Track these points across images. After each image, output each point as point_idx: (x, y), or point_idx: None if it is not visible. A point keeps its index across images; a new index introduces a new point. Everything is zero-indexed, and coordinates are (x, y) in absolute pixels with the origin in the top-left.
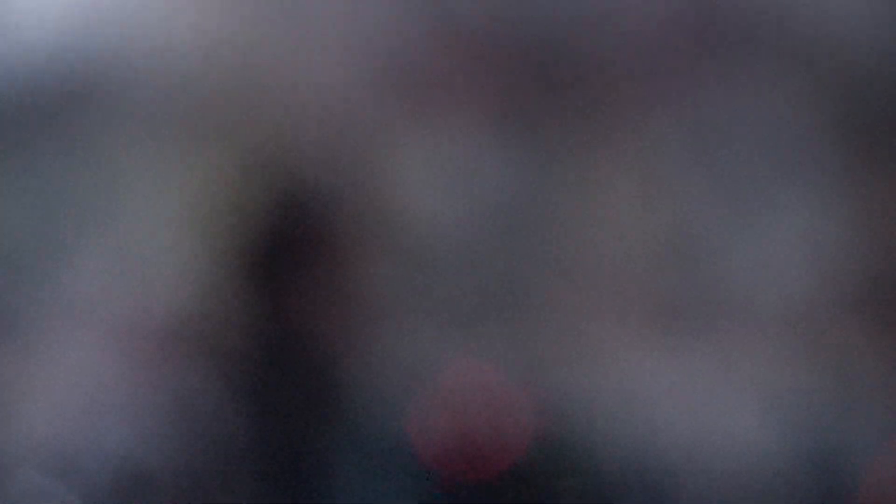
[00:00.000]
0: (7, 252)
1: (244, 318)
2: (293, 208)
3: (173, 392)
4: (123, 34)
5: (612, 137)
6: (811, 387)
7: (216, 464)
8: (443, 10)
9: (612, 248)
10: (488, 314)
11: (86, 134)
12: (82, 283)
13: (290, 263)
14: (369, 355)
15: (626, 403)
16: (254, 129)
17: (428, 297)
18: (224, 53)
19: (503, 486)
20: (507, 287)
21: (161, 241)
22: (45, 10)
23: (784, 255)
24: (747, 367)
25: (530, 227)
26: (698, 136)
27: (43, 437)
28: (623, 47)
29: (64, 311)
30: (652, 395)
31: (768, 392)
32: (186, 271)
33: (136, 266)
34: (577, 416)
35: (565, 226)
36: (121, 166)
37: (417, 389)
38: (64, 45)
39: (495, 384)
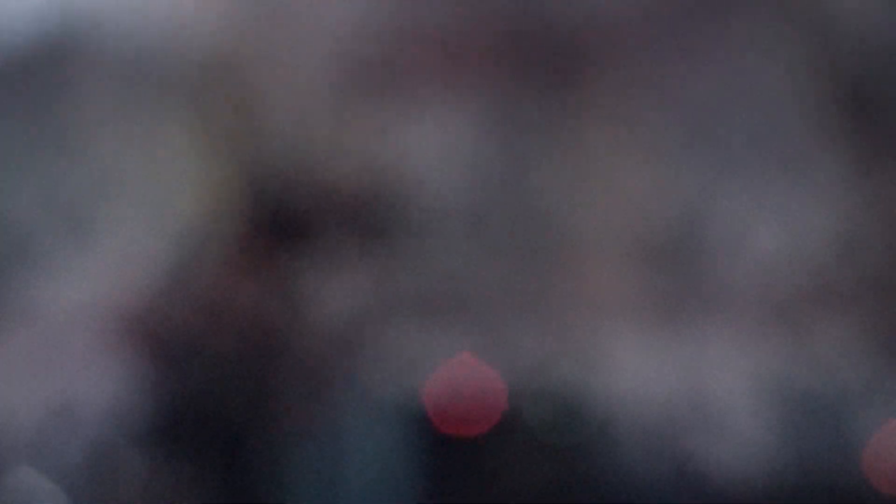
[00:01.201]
0: None
1: (227, 304)
2: (278, 192)
3: (163, 378)
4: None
5: (609, 125)
6: (809, 376)
7: (212, 455)
8: None
9: (607, 238)
10: (481, 305)
11: (63, 101)
12: (58, 267)
13: (276, 247)
14: (362, 345)
15: (623, 394)
16: (236, 106)
17: (420, 287)
18: (215, 30)
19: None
20: (500, 278)
21: (143, 223)
22: None
23: (781, 243)
24: (744, 358)
25: (525, 217)
26: (696, 120)
27: (26, 428)
28: (619, 30)
29: (43, 297)
30: (649, 386)
31: (765, 382)
32: (169, 257)
33: (115, 250)
34: (574, 405)
35: (560, 215)
36: (97, 136)
37: (410, 380)
38: (46, 9)
39: (488, 375)
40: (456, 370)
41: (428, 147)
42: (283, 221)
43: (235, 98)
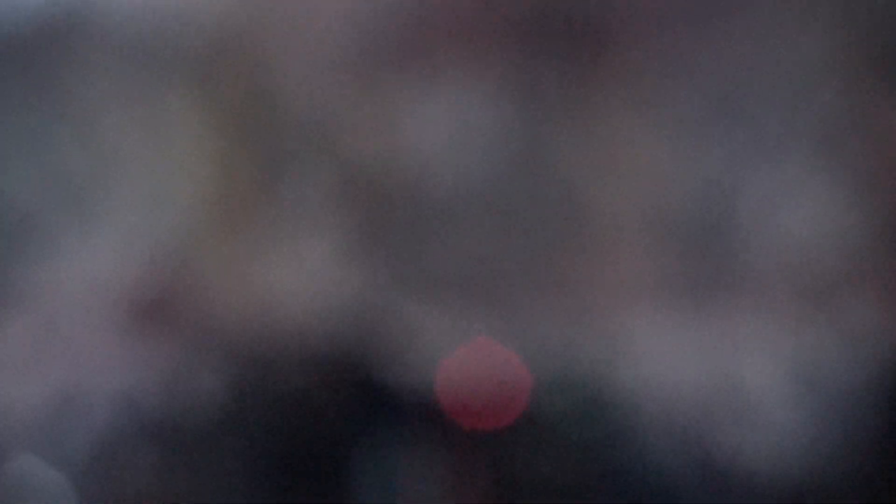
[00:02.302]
0: None
1: (237, 287)
2: (290, 173)
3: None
4: None
5: (632, 102)
6: (842, 362)
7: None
8: None
9: (632, 218)
10: (502, 289)
11: (65, 78)
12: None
13: (288, 229)
14: (378, 331)
15: (649, 381)
16: (246, 85)
17: (437, 271)
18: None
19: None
20: (522, 260)
21: (150, 205)
22: None
23: (812, 223)
24: (774, 343)
25: (547, 197)
26: (722, 96)
27: (31, 414)
28: (641, 4)
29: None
30: (677, 373)
31: (797, 368)
32: (177, 240)
33: (122, 233)
34: (598, 394)
35: (583, 195)
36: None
37: (428, 366)
38: None
39: (508, 362)
40: (474, 357)
41: (446, 126)
42: (296, 203)
43: (245, 77)
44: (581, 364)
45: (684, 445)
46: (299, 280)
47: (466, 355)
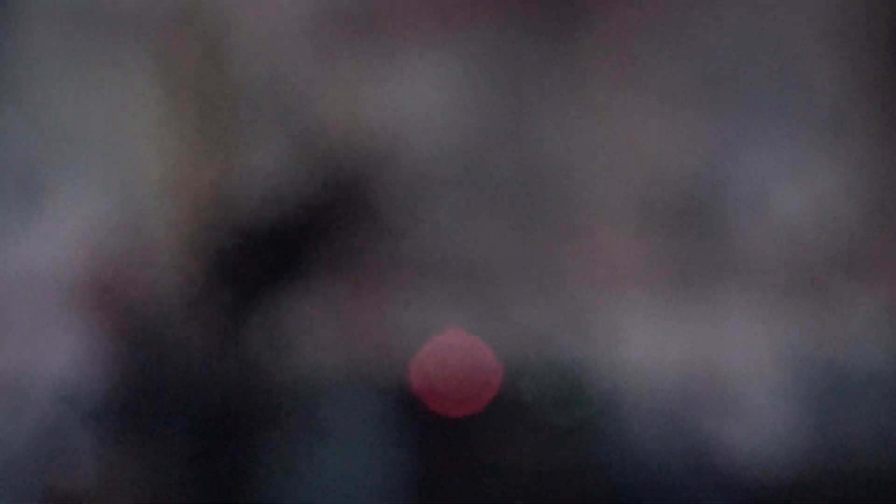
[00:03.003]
0: None
1: (198, 269)
2: (254, 148)
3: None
4: None
5: (618, 72)
6: (832, 349)
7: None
8: None
9: (616, 198)
10: (479, 273)
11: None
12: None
13: (254, 209)
14: (351, 317)
15: (632, 369)
16: (206, 52)
17: (412, 254)
18: None
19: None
20: (500, 243)
21: (102, 183)
22: None
23: (804, 205)
24: (763, 330)
25: (525, 176)
26: (713, 68)
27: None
28: None
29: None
30: (660, 361)
31: (786, 356)
32: (132, 220)
33: (72, 214)
34: (579, 382)
35: (564, 173)
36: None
37: (402, 354)
38: None
39: (482, 351)
40: (448, 345)
41: (418, 98)
42: (261, 181)
43: (205, 43)
44: (564, 351)
45: (671, 435)
46: (265, 261)
47: (439, 345)
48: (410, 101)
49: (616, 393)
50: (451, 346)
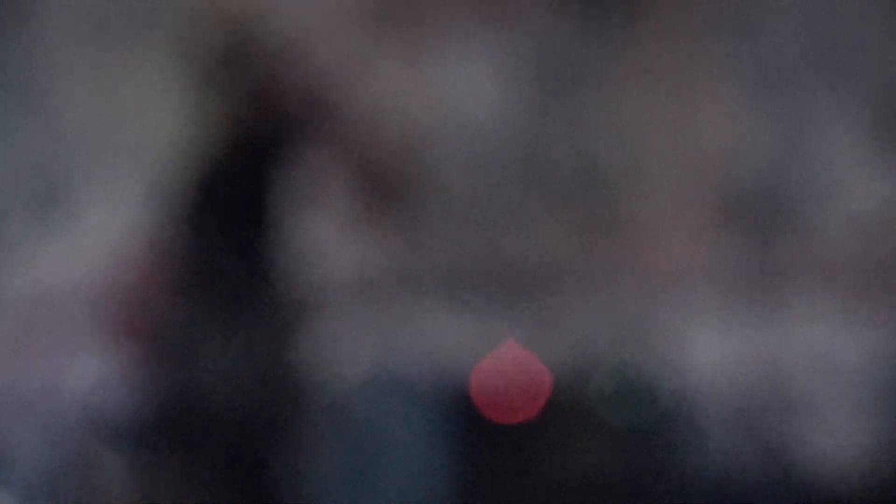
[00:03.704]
0: None
1: (225, 281)
2: (285, 149)
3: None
4: None
5: (677, 66)
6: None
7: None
8: None
9: (676, 198)
10: (534, 279)
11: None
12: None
13: (285, 213)
14: (390, 325)
15: (697, 377)
16: (233, 52)
17: (462, 257)
18: None
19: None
20: (555, 245)
21: (124, 193)
22: None
23: (877, 204)
24: (834, 334)
25: (579, 175)
26: (777, 62)
27: None
28: None
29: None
30: (726, 369)
31: (858, 363)
32: (155, 230)
33: (94, 225)
34: (642, 390)
35: (622, 173)
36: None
37: (456, 363)
38: None
39: (537, 365)
40: (504, 359)
41: (466, 95)
42: (293, 183)
43: (233, 43)
44: (626, 356)
45: (738, 441)
46: (298, 269)
47: (495, 357)
48: (458, 99)
49: (680, 399)
50: (506, 357)
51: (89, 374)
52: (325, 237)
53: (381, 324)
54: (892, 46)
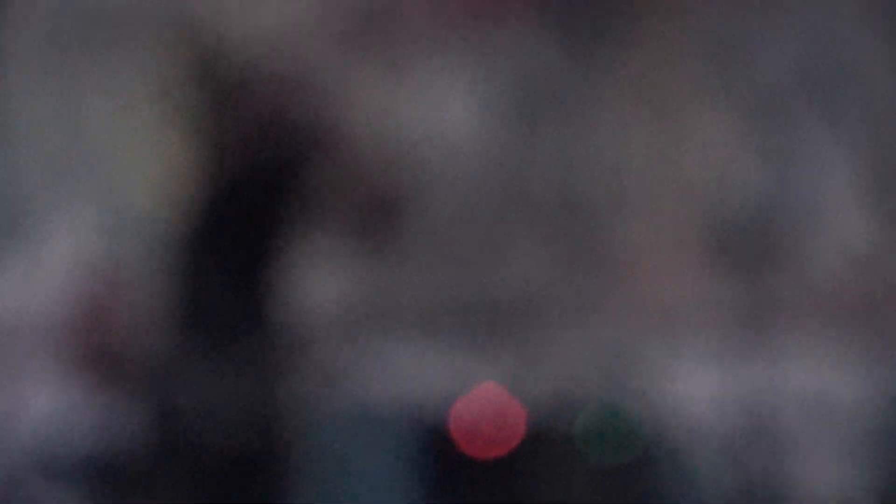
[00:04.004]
0: None
1: (197, 309)
2: (256, 177)
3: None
4: None
5: (662, 92)
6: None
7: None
8: None
9: (662, 229)
10: (514, 311)
11: None
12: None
13: (257, 242)
14: (363, 360)
15: (683, 414)
16: (203, 72)
17: (440, 290)
18: None
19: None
20: (537, 276)
21: (92, 217)
22: None
23: (870, 237)
24: (823, 372)
25: (561, 204)
26: (768, 88)
27: None
28: None
29: None
30: (713, 404)
31: (847, 399)
32: (125, 255)
33: (60, 250)
34: (624, 427)
35: (606, 202)
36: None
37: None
38: None
39: (514, 404)
40: (481, 397)
41: (445, 119)
42: (264, 211)
43: (202, 62)
44: (609, 392)
45: (721, 483)
46: (268, 299)
47: (473, 395)
48: (438, 125)
49: (665, 437)
50: (483, 395)
51: (46, 406)
52: (302, 268)
53: (358, 359)
54: (886, 75)
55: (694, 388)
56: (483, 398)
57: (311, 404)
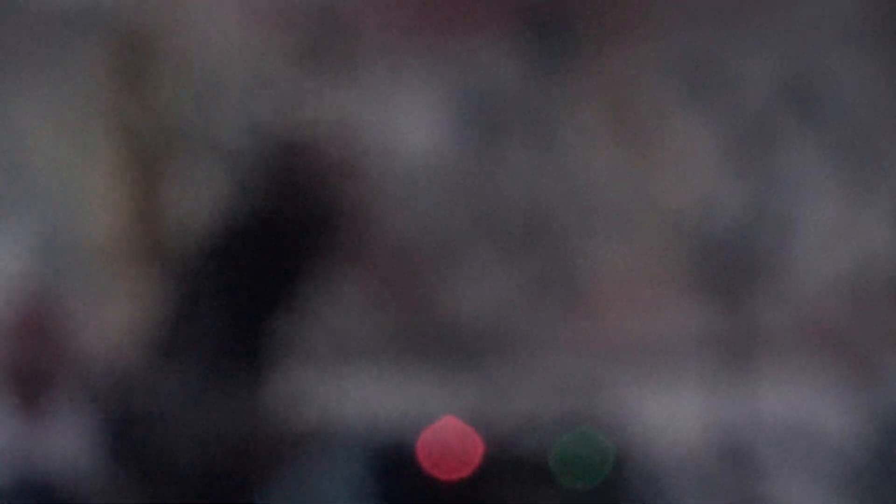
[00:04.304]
0: None
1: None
2: (210, 193)
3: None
4: None
5: (635, 110)
6: (880, 427)
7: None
8: None
9: (631, 255)
10: (476, 339)
11: None
12: None
13: (207, 262)
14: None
15: (654, 451)
16: (152, 81)
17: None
18: None
19: None
20: (502, 303)
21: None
22: None
23: (853, 264)
24: (800, 407)
25: (526, 231)
26: (747, 107)
27: None
28: None
29: None
30: (685, 440)
31: (826, 434)
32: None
33: None
34: (594, 462)
35: (573, 227)
36: None
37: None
38: None
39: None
40: (443, 428)
41: (408, 138)
42: (219, 230)
43: (152, 70)
44: (580, 422)
45: None
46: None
47: (438, 427)
48: (401, 143)
49: (636, 467)
50: (444, 426)
51: None
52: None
53: (323, 388)
54: (868, 99)
55: (664, 413)
56: (445, 428)
57: (273, 428)
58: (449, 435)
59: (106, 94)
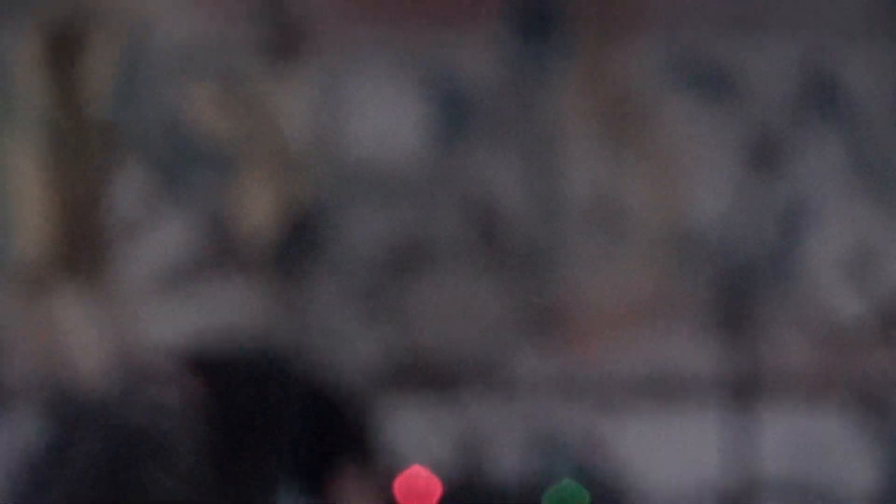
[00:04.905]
0: None
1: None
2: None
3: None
4: None
5: (624, 114)
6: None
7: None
8: None
9: (613, 282)
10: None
11: None
12: None
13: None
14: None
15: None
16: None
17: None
18: None
19: None
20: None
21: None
22: None
23: (865, 296)
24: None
25: (508, 249)
26: (745, 111)
27: None
28: None
29: None
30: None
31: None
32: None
33: None
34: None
35: (555, 248)
36: None
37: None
38: None
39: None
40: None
41: (384, 144)
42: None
43: (83, 64)
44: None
45: None
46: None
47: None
48: (375, 151)
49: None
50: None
51: None
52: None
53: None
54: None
55: (651, 457)
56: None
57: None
58: (415, 483)
59: (32, 90)
